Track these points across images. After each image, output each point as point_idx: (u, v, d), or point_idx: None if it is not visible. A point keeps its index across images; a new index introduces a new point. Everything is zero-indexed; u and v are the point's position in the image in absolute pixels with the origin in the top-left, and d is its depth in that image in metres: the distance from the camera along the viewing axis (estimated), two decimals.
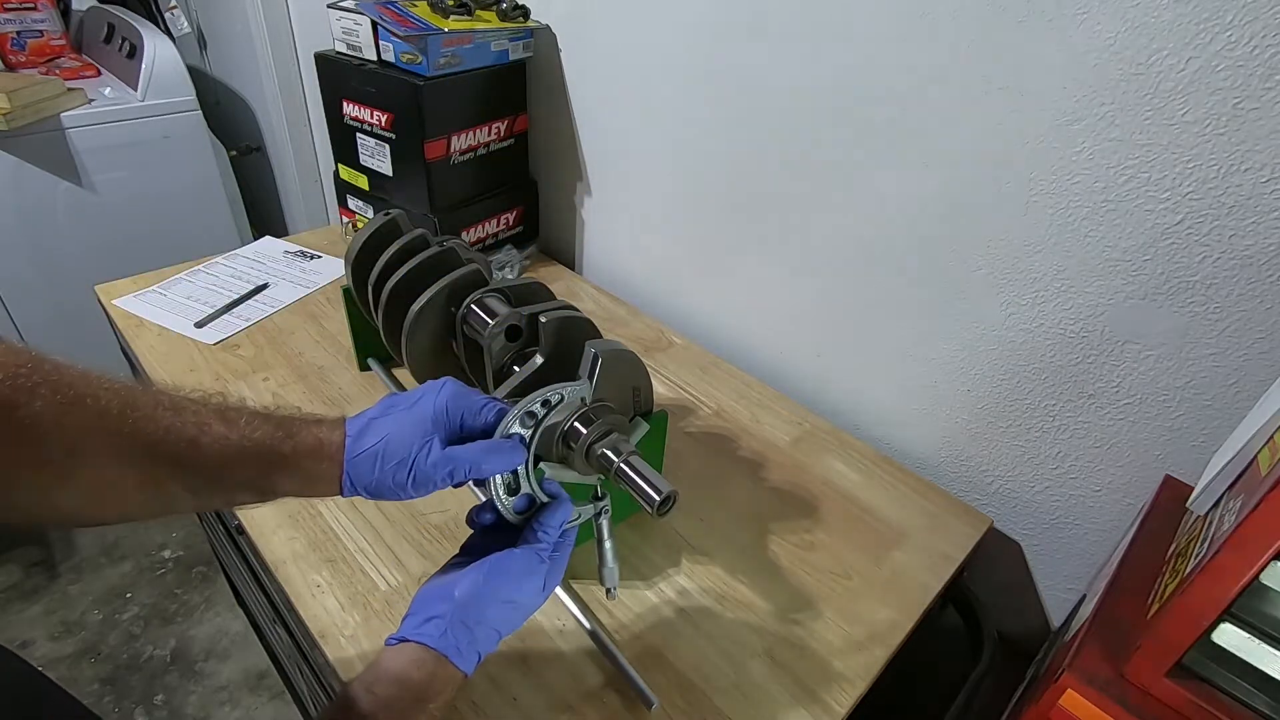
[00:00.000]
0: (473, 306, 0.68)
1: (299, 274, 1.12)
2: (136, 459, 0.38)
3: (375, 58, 0.99)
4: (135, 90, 1.61)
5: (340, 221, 1.23)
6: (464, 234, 1.09)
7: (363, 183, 1.12)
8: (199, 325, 0.97)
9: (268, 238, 1.22)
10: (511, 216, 1.16)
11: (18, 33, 1.70)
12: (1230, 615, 0.41)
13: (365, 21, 0.97)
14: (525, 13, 1.05)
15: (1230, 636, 0.42)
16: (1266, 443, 0.47)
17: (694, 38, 0.88)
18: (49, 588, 1.59)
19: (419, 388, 0.48)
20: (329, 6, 1.01)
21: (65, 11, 1.86)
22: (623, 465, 0.54)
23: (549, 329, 0.63)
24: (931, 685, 0.74)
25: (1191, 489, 0.56)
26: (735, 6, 0.82)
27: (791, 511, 0.77)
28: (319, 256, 1.18)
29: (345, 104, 1.05)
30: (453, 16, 0.98)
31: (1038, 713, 0.49)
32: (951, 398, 0.82)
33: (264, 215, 2.10)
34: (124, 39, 1.67)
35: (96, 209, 1.62)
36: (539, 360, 0.64)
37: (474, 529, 0.51)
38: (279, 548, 0.68)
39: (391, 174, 1.05)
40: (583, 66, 1.04)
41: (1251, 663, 0.42)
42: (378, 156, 1.05)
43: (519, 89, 1.08)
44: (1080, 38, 0.59)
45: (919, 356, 0.83)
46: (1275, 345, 0.58)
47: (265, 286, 1.08)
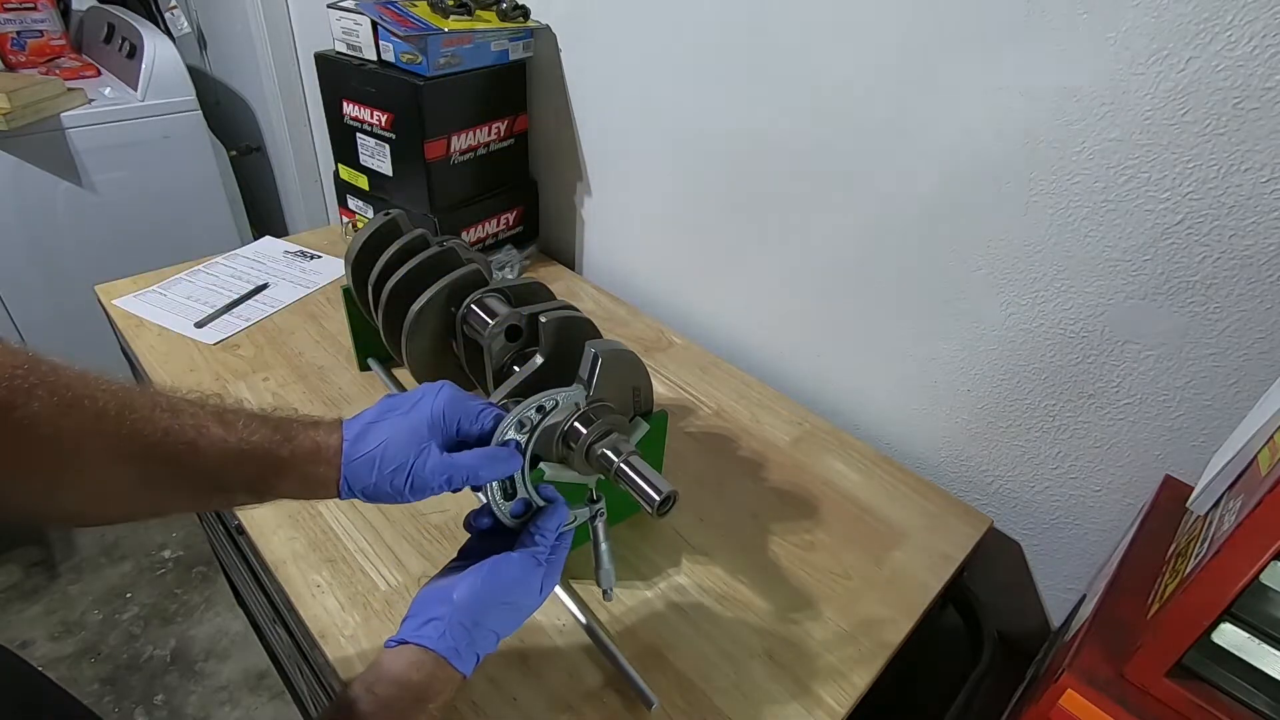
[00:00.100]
0: (473, 306, 0.68)
1: (299, 274, 1.12)
2: (134, 460, 0.38)
3: (375, 58, 0.99)
4: (135, 90, 1.61)
5: (340, 221, 1.23)
6: (464, 234, 1.09)
7: (363, 183, 1.12)
8: (199, 325, 0.97)
9: (268, 238, 1.22)
10: (511, 216, 1.16)
11: (18, 33, 1.70)
12: (1230, 615, 0.41)
13: (365, 21, 0.97)
14: (525, 13, 1.05)
15: (1230, 636, 0.42)
16: (1266, 443, 0.47)
17: (694, 37, 0.88)
18: (49, 588, 1.59)
19: (416, 390, 0.48)
20: (329, 6, 1.01)
21: (65, 11, 1.86)
22: (623, 465, 0.54)
23: (549, 329, 0.63)
24: (931, 685, 0.74)
25: (1191, 489, 0.56)
26: (735, 6, 0.82)
27: (791, 511, 0.77)
28: (319, 256, 1.18)
29: (345, 104, 1.05)
30: (453, 16, 0.98)
31: (1038, 713, 0.49)
32: (951, 398, 0.82)
33: (264, 215, 2.10)
34: (124, 39, 1.67)
35: (96, 209, 1.62)
36: (539, 360, 0.64)
37: (471, 533, 0.52)
38: (279, 548, 0.68)
39: (391, 174, 1.05)
40: (583, 66, 1.04)
41: (1251, 663, 0.42)
42: (378, 156, 1.05)
43: (519, 89, 1.08)
44: (1080, 37, 0.59)
45: (919, 356, 0.83)
46: (1275, 345, 0.58)
47: (265, 286, 1.08)
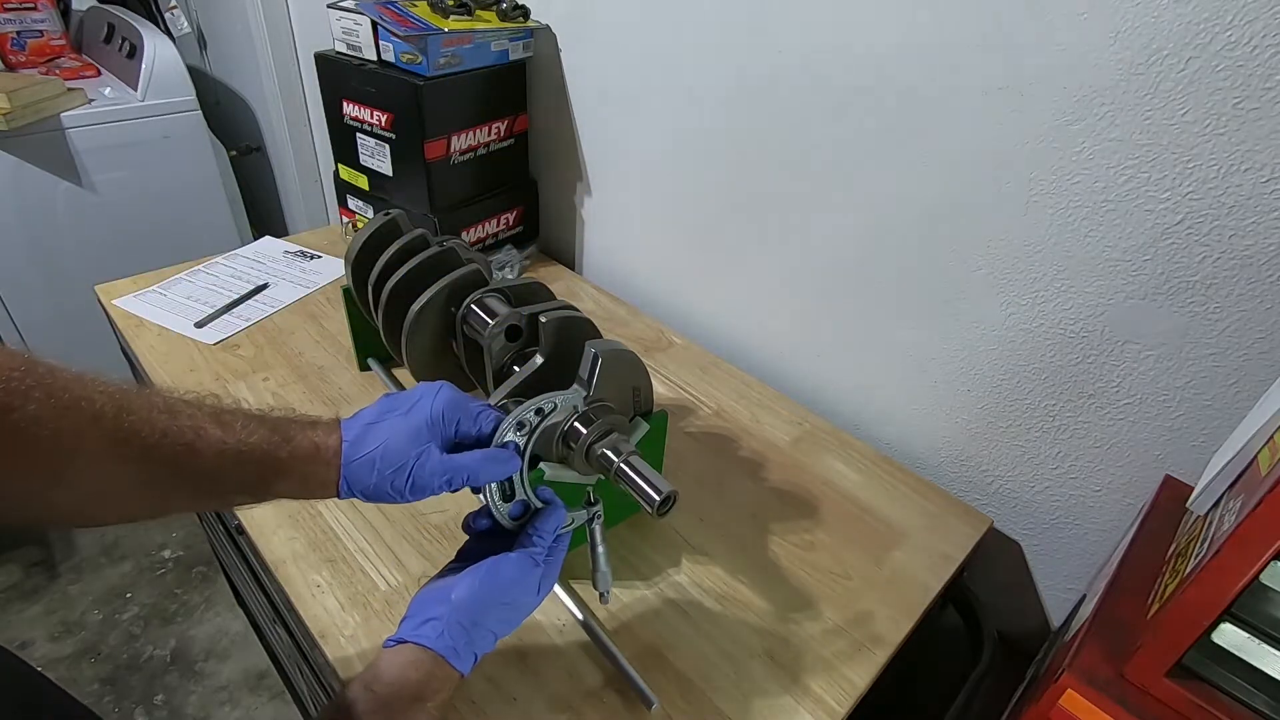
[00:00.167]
0: (473, 306, 0.68)
1: (299, 274, 1.12)
2: (132, 462, 0.38)
3: (375, 58, 0.99)
4: (135, 90, 1.61)
5: (340, 221, 1.23)
6: (464, 234, 1.09)
7: (363, 183, 1.12)
8: (199, 325, 0.97)
9: (268, 238, 1.22)
10: (511, 216, 1.16)
11: (18, 33, 1.70)
12: (1230, 615, 0.41)
13: (365, 21, 0.97)
14: (525, 13, 1.05)
15: (1230, 636, 0.42)
16: (1266, 443, 0.47)
17: (694, 37, 0.88)
18: (49, 588, 1.59)
19: (414, 390, 0.48)
20: (329, 6, 1.01)
21: (65, 11, 1.86)
22: (623, 465, 0.54)
23: (549, 329, 0.63)
24: (931, 685, 0.74)
25: (1191, 489, 0.56)
26: (735, 6, 0.82)
27: (791, 511, 0.77)
28: (319, 256, 1.18)
29: (345, 104, 1.05)
30: (453, 16, 0.98)
31: (1038, 713, 0.49)
32: (951, 398, 0.82)
33: (264, 215, 2.10)
34: (124, 39, 1.67)
35: (96, 209, 1.62)
36: (539, 360, 0.64)
37: (470, 534, 0.52)
38: (279, 548, 0.68)
39: (391, 174, 1.05)
40: (583, 66, 1.04)
41: (1251, 663, 0.42)
42: (378, 156, 1.05)
43: (519, 89, 1.08)
44: (1080, 37, 0.59)
45: (919, 356, 0.83)
46: (1275, 345, 0.58)
47: (265, 286, 1.08)
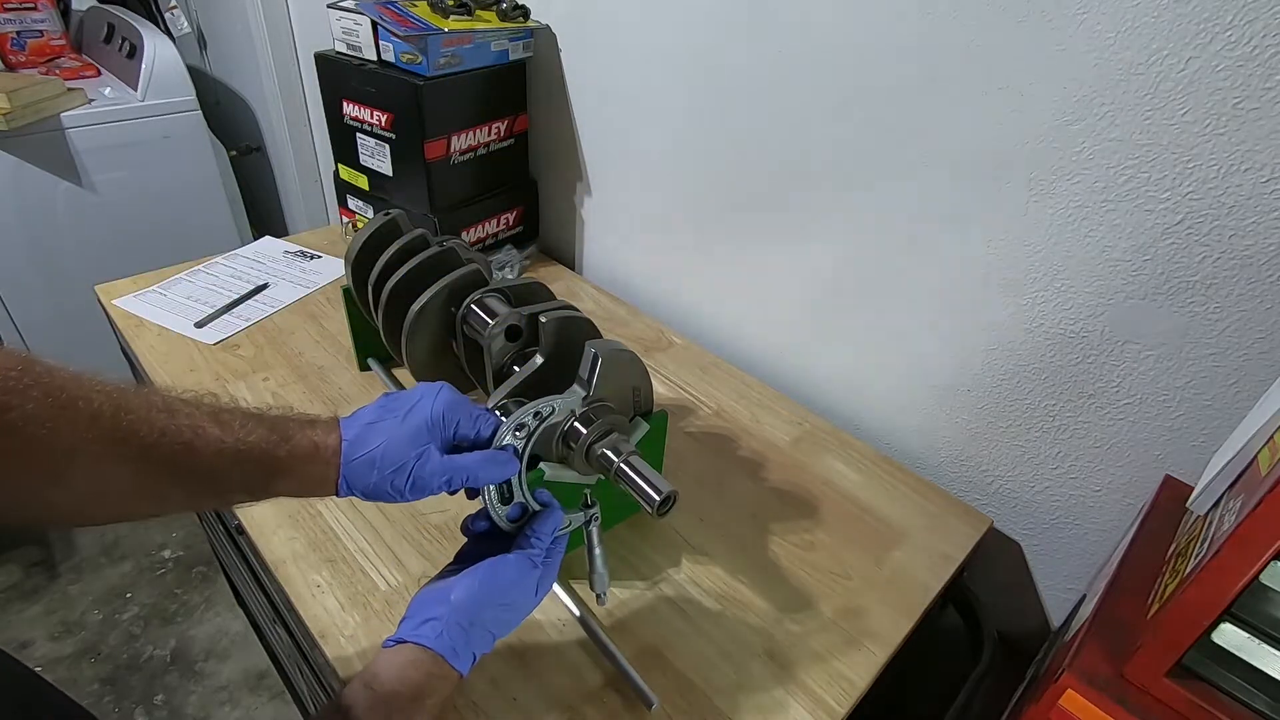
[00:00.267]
0: (473, 306, 0.68)
1: (299, 274, 1.12)
2: (130, 461, 0.38)
3: (375, 58, 0.99)
4: (135, 90, 1.61)
5: (340, 221, 1.23)
6: (464, 234, 1.09)
7: (363, 183, 1.12)
8: (199, 325, 0.97)
9: (268, 238, 1.22)
10: (511, 216, 1.16)
11: (18, 33, 1.70)
12: (1230, 615, 0.41)
13: (365, 21, 0.97)
14: (525, 13, 1.05)
15: (1230, 636, 0.42)
16: (1266, 443, 0.47)
17: (694, 37, 0.88)
18: (49, 588, 1.59)
19: (414, 390, 0.49)
20: (329, 6, 1.01)
21: (65, 11, 1.86)
22: (623, 465, 0.54)
23: (549, 329, 0.63)
24: (931, 685, 0.74)
25: (1191, 489, 0.56)
26: (735, 6, 0.82)
27: (791, 511, 0.77)
28: (319, 256, 1.18)
29: (345, 104, 1.05)
30: (453, 16, 0.98)
31: (1038, 713, 0.49)
32: (951, 398, 0.82)
33: (264, 215, 2.10)
34: (124, 39, 1.67)
35: (96, 209, 1.62)
36: (539, 360, 0.64)
37: (469, 536, 0.52)
38: (279, 548, 0.68)
39: (391, 174, 1.05)
40: (583, 66, 1.04)
41: (1251, 663, 0.42)
42: (378, 156, 1.05)
43: (519, 89, 1.08)
44: (1080, 37, 0.59)
45: (919, 356, 0.83)
46: (1275, 345, 0.58)
47: (265, 286, 1.08)
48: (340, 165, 1.14)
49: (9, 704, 0.40)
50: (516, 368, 0.67)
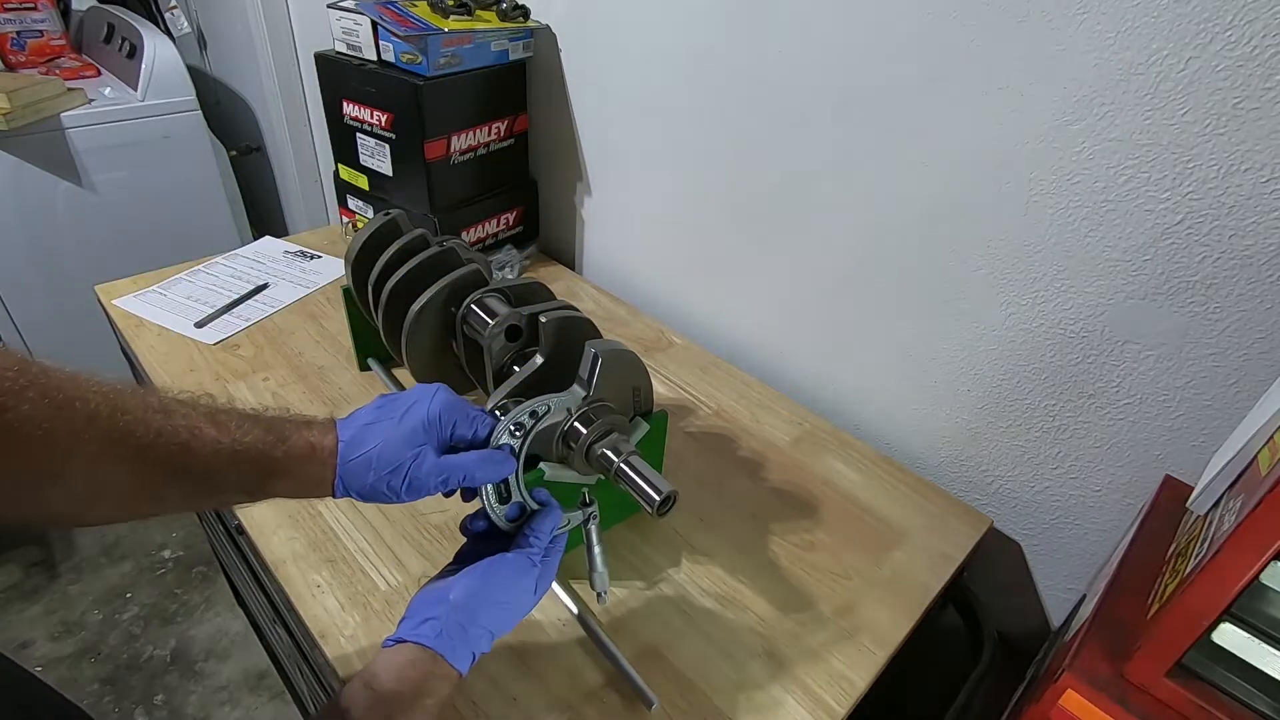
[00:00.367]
0: (473, 306, 0.68)
1: (299, 274, 1.12)
2: (127, 462, 0.38)
3: (375, 58, 0.99)
4: (135, 90, 1.61)
5: (340, 221, 1.23)
6: (464, 234, 1.09)
7: (363, 183, 1.12)
8: (199, 325, 0.97)
9: (268, 238, 1.22)
10: (511, 216, 1.16)
11: (18, 33, 1.70)
12: (1230, 615, 0.41)
13: (365, 21, 0.97)
14: (525, 13, 1.05)
15: (1230, 636, 0.42)
16: (1266, 443, 0.47)
17: (694, 37, 0.88)
18: (49, 588, 1.59)
19: (411, 392, 0.49)
20: (329, 6, 1.01)
21: (65, 11, 1.86)
22: (623, 465, 0.54)
23: (549, 329, 0.63)
24: (931, 685, 0.74)
25: (1191, 489, 0.56)
26: (735, 7, 0.82)
27: (791, 511, 0.77)
28: (319, 256, 1.18)
29: (345, 104, 1.05)
30: (453, 16, 0.98)
31: (1038, 713, 0.49)
32: (951, 398, 0.82)
33: (264, 215, 2.10)
34: (124, 39, 1.67)
35: (96, 209, 1.62)
36: (539, 360, 0.64)
37: (467, 536, 0.53)
38: (279, 548, 0.68)
39: (391, 174, 1.05)
40: (583, 66, 1.04)
41: (1251, 663, 0.42)
42: (378, 156, 1.05)
43: (519, 89, 1.08)
44: (1080, 37, 0.59)
45: (919, 356, 0.83)
46: (1275, 345, 0.58)
47: (265, 286, 1.08)
48: (340, 165, 1.14)
49: (9, 705, 0.40)
50: (516, 368, 0.67)
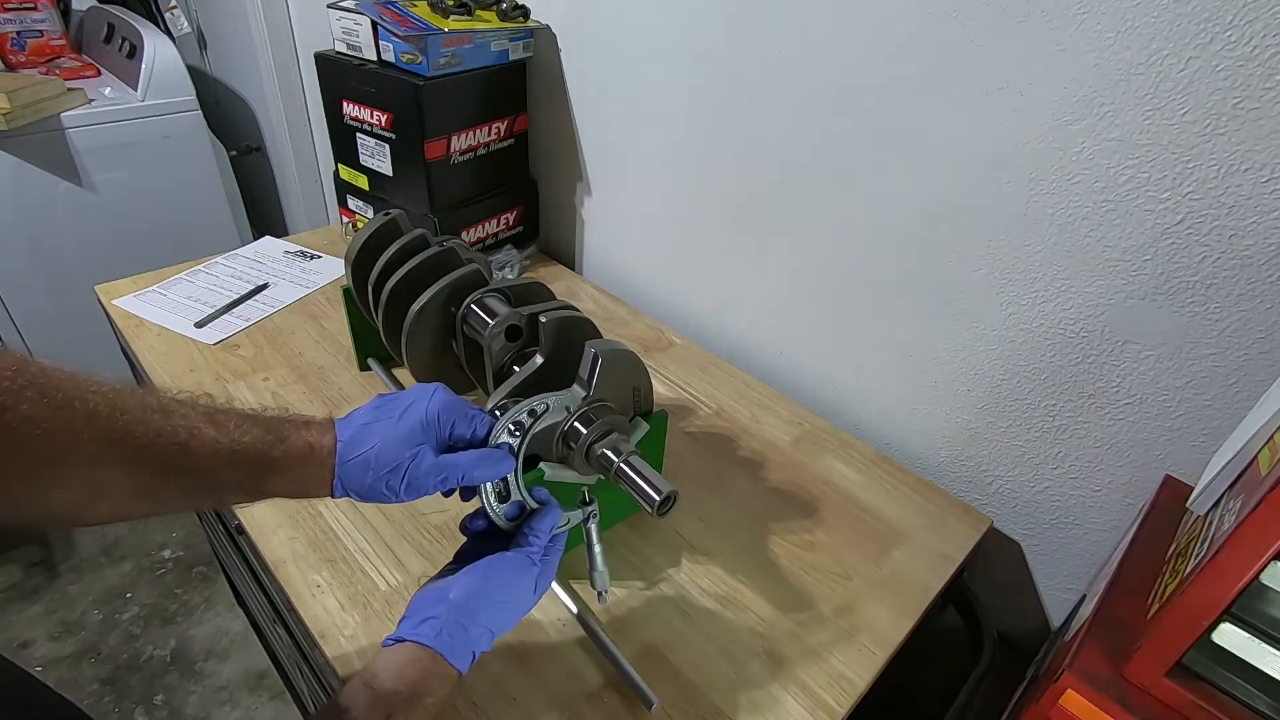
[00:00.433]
0: (473, 306, 0.68)
1: (299, 274, 1.12)
2: (126, 462, 0.38)
3: (375, 58, 0.99)
4: (135, 90, 1.61)
5: (340, 221, 1.23)
6: (464, 234, 1.09)
7: (363, 183, 1.12)
8: (199, 325, 0.97)
9: (268, 238, 1.22)
10: (511, 216, 1.16)
11: (18, 33, 1.70)
12: (1230, 615, 0.41)
13: (365, 21, 0.97)
14: (525, 13, 1.05)
15: (1230, 636, 0.42)
16: (1266, 443, 0.47)
17: (694, 37, 0.88)
18: (49, 588, 1.59)
19: (409, 391, 0.49)
20: (329, 6, 1.01)
21: (65, 11, 1.86)
22: (623, 465, 0.54)
23: (549, 329, 0.63)
24: (931, 685, 0.74)
25: (1191, 489, 0.56)
26: (735, 7, 0.82)
27: (791, 511, 0.77)
28: (319, 256, 1.18)
29: (345, 104, 1.05)
30: (453, 16, 0.98)
31: (1038, 712, 0.49)
32: (951, 398, 0.82)
33: (264, 215, 2.10)
34: (124, 39, 1.67)
35: (96, 209, 1.62)
36: (539, 360, 0.64)
37: (467, 535, 0.53)
38: (279, 548, 0.68)
39: (391, 174, 1.05)
40: (583, 66, 1.04)
41: (1251, 663, 0.42)
42: (378, 156, 1.05)
43: (519, 89, 1.08)
44: (1080, 37, 0.59)
45: (919, 356, 0.83)
46: (1275, 345, 0.58)
47: (265, 286, 1.08)
48: (340, 165, 1.14)
49: (9, 705, 0.40)
50: (516, 368, 0.67)
